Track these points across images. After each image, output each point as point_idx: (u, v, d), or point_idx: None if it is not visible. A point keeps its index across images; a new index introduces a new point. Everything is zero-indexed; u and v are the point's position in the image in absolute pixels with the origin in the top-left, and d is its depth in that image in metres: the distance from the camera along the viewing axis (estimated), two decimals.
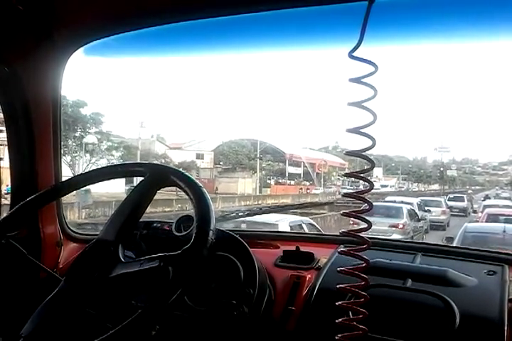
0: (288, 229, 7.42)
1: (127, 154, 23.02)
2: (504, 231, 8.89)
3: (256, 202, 24.80)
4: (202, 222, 0.99)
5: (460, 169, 55.83)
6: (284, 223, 7.51)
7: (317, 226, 9.92)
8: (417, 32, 1.25)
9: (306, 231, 7.67)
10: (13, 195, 1.53)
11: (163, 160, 27.09)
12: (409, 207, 15.06)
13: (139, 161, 3.13)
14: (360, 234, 0.97)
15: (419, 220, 14.97)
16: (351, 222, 12.54)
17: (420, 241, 1.67)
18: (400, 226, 13.25)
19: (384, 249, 1.45)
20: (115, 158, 22.45)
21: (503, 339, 1.10)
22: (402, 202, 15.89)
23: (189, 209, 18.80)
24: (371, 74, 0.93)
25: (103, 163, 21.60)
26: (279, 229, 6.82)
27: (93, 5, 1.32)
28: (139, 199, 1.14)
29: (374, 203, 0.98)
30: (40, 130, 1.50)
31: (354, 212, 0.96)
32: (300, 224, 8.59)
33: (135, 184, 1.16)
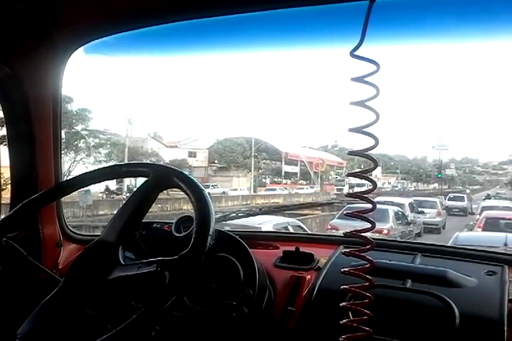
0: None
1: (114, 152, 22.68)
2: (505, 245, 7.01)
3: (245, 202, 24.46)
4: (201, 227, 0.99)
5: (460, 168, 55.88)
6: (267, 226, 7.21)
7: (305, 227, 9.66)
8: (418, 31, 1.25)
9: None
10: (13, 195, 1.53)
11: (153, 159, 26.94)
12: (396, 209, 13.83)
13: (143, 161, 3.12)
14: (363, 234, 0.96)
15: (408, 223, 14.00)
16: (329, 227, 12.25)
17: (420, 242, 1.67)
18: (385, 231, 11.76)
19: (384, 249, 1.44)
20: (101, 156, 22.20)
21: (503, 340, 1.10)
22: (392, 203, 14.64)
23: (170, 209, 18.69)
24: (373, 73, 0.93)
25: (89, 161, 21.42)
26: None
27: (93, 5, 1.31)
28: (141, 200, 1.14)
29: (354, 205, 0.98)
30: (40, 130, 1.50)
31: (357, 212, 0.95)
32: (286, 226, 8.34)
33: (126, 183, 1.16)
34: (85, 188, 1.62)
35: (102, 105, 32.22)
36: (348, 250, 0.99)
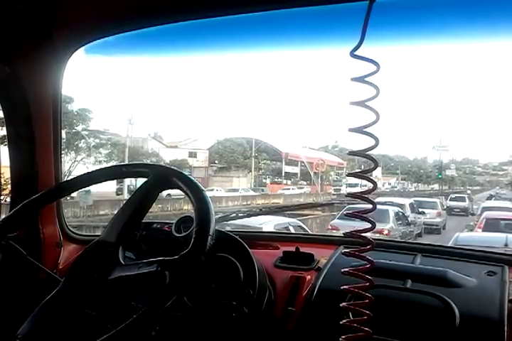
0: None
1: (115, 152, 22.71)
2: (506, 245, 7.02)
3: (245, 203, 24.29)
4: (201, 227, 1.00)
5: (460, 169, 55.77)
6: (268, 226, 7.16)
7: (306, 228, 9.65)
8: (418, 32, 1.25)
9: None
10: (14, 195, 1.53)
11: (154, 159, 26.93)
12: (396, 209, 13.75)
13: (143, 162, 3.13)
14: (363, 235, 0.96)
15: (408, 224, 13.94)
16: (329, 227, 12.23)
17: (420, 242, 1.67)
18: (385, 232, 11.68)
19: (384, 249, 1.44)
20: (102, 156, 22.23)
21: (503, 340, 1.10)
22: (392, 204, 14.51)
23: (170, 209, 18.70)
24: (373, 73, 0.93)
25: (90, 161, 21.44)
26: None
27: (93, 5, 1.32)
28: (141, 200, 1.15)
29: (355, 205, 0.98)
30: (40, 130, 1.50)
31: (357, 212, 0.95)
32: (287, 227, 8.33)
33: (126, 184, 1.16)
34: (86, 188, 1.62)
35: (103, 105, 32.21)
36: (348, 250, 0.99)
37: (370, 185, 1.00)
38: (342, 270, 0.99)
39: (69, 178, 1.31)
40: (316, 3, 1.21)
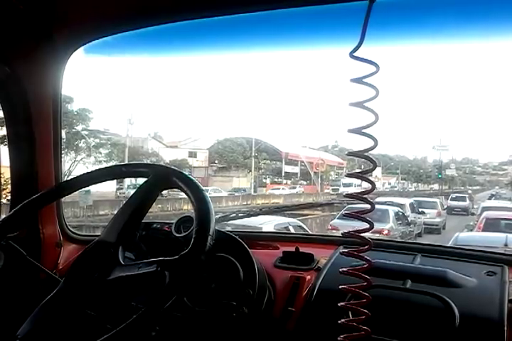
0: None
1: (115, 152, 22.77)
2: (506, 245, 7.05)
3: (245, 203, 24.25)
4: (201, 227, 1.00)
5: (460, 169, 55.77)
6: (268, 226, 7.25)
7: (305, 228, 9.64)
8: (418, 32, 1.25)
9: None
10: (13, 195, 1.53)
11: (153, 159, 26.97)
12: (396, 209, 13.88)
13: (143, 162, 3.13)
14: (361, 235, 0.97)
15: (408, 224, 14.01)
16: (329, 227, 12.26)
17: (420, 242, 1.68)
18: (385, 232, 11.74)
19: (384, 249, 1.44)
20: (102, 156, 22.30)
21: (503, 340, 1.10)
22: (392, 204, 14.73)
23: (170, 209, 18.76)
24: (372, 74, 0.93)
25: (90, 161, 21.52)
26: None
27: (93, 5, 1.32)
28: (141, 200, 1.15)
29: (355, 205, 0.98)
30: (40, 130, 1.50)
31: (355, 212, 0.95)
32: (287, 227, 8.33)
33: (126, 184, 1.16)
34: (85, 188, 1.62)
35: (102, 105, 32.20)
36: (346, 250, 0.99)
37: (368, 185, 1.00)
38: (340, 270, 0.99)
39: (69, 178, 1.31)
40: (316, 3, 1.21)
